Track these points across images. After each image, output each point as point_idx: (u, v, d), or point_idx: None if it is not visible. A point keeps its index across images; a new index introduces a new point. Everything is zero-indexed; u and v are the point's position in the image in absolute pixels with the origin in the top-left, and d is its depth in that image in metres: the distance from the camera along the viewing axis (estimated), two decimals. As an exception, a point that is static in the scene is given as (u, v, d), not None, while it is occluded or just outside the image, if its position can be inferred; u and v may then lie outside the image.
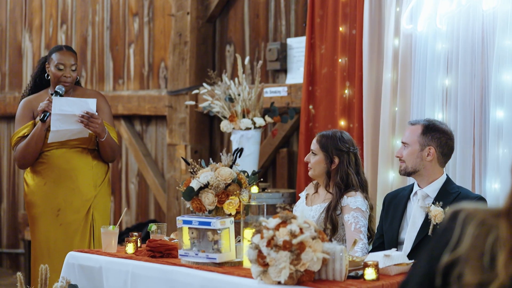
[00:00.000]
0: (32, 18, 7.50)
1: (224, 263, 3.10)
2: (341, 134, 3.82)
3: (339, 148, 3.77)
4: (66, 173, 4.34)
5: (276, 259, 2.63)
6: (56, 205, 4.31)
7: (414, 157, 3.51)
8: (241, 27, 5.86)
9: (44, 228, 4.32)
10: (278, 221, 2.70)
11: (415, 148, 3.52)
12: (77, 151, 4.38)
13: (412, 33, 4.29)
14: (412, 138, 3.54)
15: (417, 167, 3.51)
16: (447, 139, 3.53)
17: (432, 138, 3.51)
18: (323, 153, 3.77)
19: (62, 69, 4.36)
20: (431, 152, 3.50)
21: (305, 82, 4.91)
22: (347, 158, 3.77)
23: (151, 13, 6.51)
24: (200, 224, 3.12)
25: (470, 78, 4.02)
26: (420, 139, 3.52)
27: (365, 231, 3.64)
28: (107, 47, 6.85)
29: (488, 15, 3.96)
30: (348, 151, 3.77)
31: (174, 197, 5.98)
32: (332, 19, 4.79)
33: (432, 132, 3.52)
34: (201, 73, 5.86)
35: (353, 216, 3.63)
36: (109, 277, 3.38)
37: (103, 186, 4.46)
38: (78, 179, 4.35)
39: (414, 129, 3.56)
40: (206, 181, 3.24)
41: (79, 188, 4.34)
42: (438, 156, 3.51)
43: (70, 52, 4.45)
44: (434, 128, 3.53)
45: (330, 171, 3.77)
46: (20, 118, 4.46)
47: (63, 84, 4.37)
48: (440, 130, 3.53)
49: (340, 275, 2.74)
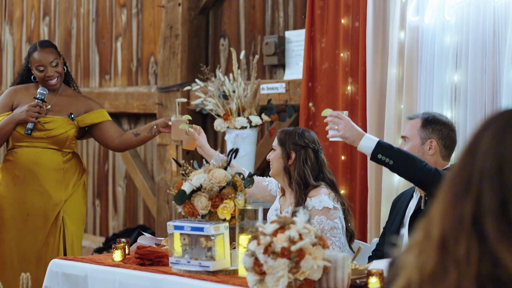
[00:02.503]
0: (13, 10, 7.49)
1: (218, 272, 3.09)
2: (302, 130, 3.86)
3: (296, 143, 3.78)
4: (33, 174, 4.35)
5: (273, 267, 2.63)
6: (25, 209, 4.33)
7: (415, 151, 3.50)
8: (236, 19, 5.86)
9: (13, 234, 4.33)
10: (275, 227, 2.69)
11: (416, 142, 3.54)
12: (47, 152, 4.39)
13: (418, 25, 4.29)
14: (412, 132, 3.56)
15: None
16: (448, 130, 3.56)
17: (433, 131, 3.53)
18: (280, 147, 3.82)
19: (43, 70, 4.38)
20: (433, 145, 3.52)
21: (304, 78, 4.91)
22: (304, 154, 3.77)
23: (140, 4, 6.50)
24: (192, 229, 3.12)
25: (480, 73, 4.02)
26: (421, 133, 3.54)
27: (334, 233, 3.63)
28: (93, 41, 6.85)
29: (500, 6, 3.96)
30: (306, 147, 3.78)
31: (165, 201, 5.97)
32: (334, 11, 4.79)
33: (432, 125, 3.54)
34: (193, 68, 5.85)
35: (318, 222, 3.63)
36: (95, 286, 3.37)
37: (76, 190, 4.46)
38: (46, 181, 4.36)
39: (413, 123, 3.58)
40: (199, 184, 3.24)
41: (48, 192, 4.35)
42: (441, 149, 3.53)
43: (47, 48, 4.43)
44: (434, 120, 3.55)
45: (288, 167, 3.79)
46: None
47: (50, 84, 4.39)
48: (441, 122, 3.56)
49: (342, 284, 2.74)
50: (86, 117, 4.50)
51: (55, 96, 4.46)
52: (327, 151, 4.41)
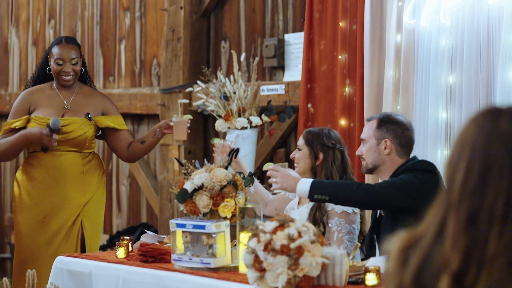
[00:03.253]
0: (19, 13, 7.48)
1: (219, 268, 3.09)
2: (328, 131, 3.87)
3: (324, 144, 3.80)
4: (55, 179, 4.28)
5: (273, 264, 2.63)
6: (42, 211, 4.26)
7: (372, 152, 3.53)
8: (237, 22, 5.86)
9: (29, 234, 4.27)
10: (275, 225, 2.70)
11: (372, 143, 3.54)
12: (67, 155, 4.32)
13: (414, 28, 4.29)
14: (369, 133, 3.56)
15: (376, 162, 3.52)
16: (403, 129, 3.54)
17: (387, 131, 3.52)
18: (307, 148, 3.82)
19: (61, 64, 4.29)
20: (387, 144, 3.50)
21: (303, 79, 4.91)
22: (332, 155, 3.79)
23: (143, 8, 6.50)
24: (194, 227, 3.12)
25: (475, 75, 4.02)
26: (376, 133, 3.53)
27: (350, 238, 3.66)
28: (97, 43, 6.85)
29: (494, 9, 3.96)
30: (333, 148, 3.80)
31: (167, 199, 5.97)
32: (332, 14, 4.79)
33: (386, 125, 3.53)
34: (195, 70, 5.85)
35: (336, 224, 3.66)
36: (99, 282, 3.37)
37: (96, 193, 4.38)
38: (67, 185, 4.28)
39: (370, 125, 3.58)
40: (201, 183, 3.24)
41: (68, 196, 4.28)
42: (396, 148, 3.51)
43: (70, 44, 4.35)
44: (388, 120, 3.55)
45: (315, 167, 3.80)
46: (15, 109, 4.36)
47: (63, 80, 4.31)
48: (395, 121, 3.54)
49: (340, 280, 2.74)
50: (102, 119, 4.40)
51: (72, 95, 4.38)
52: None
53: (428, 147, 4.21)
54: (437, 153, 4.19)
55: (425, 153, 4.16)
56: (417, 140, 3.76)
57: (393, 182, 3.39)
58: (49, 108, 4.33)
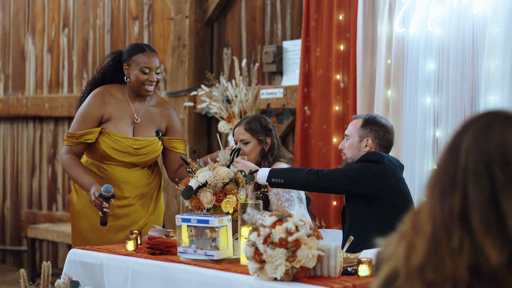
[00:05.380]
0: (35, 22, 7.48)
1: (222, 260, 3.09)
2: (260, 116, 4.01)
3: (268, 128, 3.91)
4: (119, 189, 3.90)
5: (272, 256, 2.63)
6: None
7: (353, 148, 3.59)
8: (238, 31, 5.86)
9: (87, 242, 3.89)
10: (274, 219, 2.70)
11: (354, 139, 3.59)
12: (136, 171, 3.98)
13: (404, 36, 4.29)
14: (353, 130, 3.61)
15: (355, 157, 3.57)
16: (385, 132, 3.59)
17: (370, 131, 3.57)
18: (255, 138, 3.89)
19: (147, 72, 3.86)
20: (368, 143, 3.56)
21: (300, 84, 4.91)
22: (275, 135, 3.93)
23: (150, 17, 6.50)
24: (198, 222, 3.12)
25: (461, 66, 4.03)
26: (360, 131, 3.59)
27: (289, 205, 3.72)
28: (108, 50, 6.84)
29: (478, 18, 3.96)
30: (273, 129, 3.93)
31: (173, 195, 5.97)
32: (327, 23, 4.79)
33: (371, 125, 3.58)
34: (199, 75, 5.85)
35: (274, 193, 3.76)
36: (109, 273, 3.37)
37: (157, 204, 4.08)
38: (132, 198, 3.96)
39: (355, 123, 3.64)
40: (205, 181, 3.24)
41: (132, 208, 3.96)
42: (376, 147, 3.57)
43: (154, 53, 3.94)
44: (373, 121, 3.60)
45: (265, 153, 3.89)
46: (86, 115, 3.89)
47: (146, 90, 3.90)
48: (379, 124, 3.60)
49: (334, 271, 2.74)
50: (170, 142, 4.03)
51: (143, 107, 3.99)
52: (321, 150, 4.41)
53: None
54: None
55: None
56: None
57: (341, 169, 3.53)
58: (121, 121, 3.92)
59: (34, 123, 7.53)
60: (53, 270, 4.31)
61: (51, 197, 7.36)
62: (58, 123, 7.30)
